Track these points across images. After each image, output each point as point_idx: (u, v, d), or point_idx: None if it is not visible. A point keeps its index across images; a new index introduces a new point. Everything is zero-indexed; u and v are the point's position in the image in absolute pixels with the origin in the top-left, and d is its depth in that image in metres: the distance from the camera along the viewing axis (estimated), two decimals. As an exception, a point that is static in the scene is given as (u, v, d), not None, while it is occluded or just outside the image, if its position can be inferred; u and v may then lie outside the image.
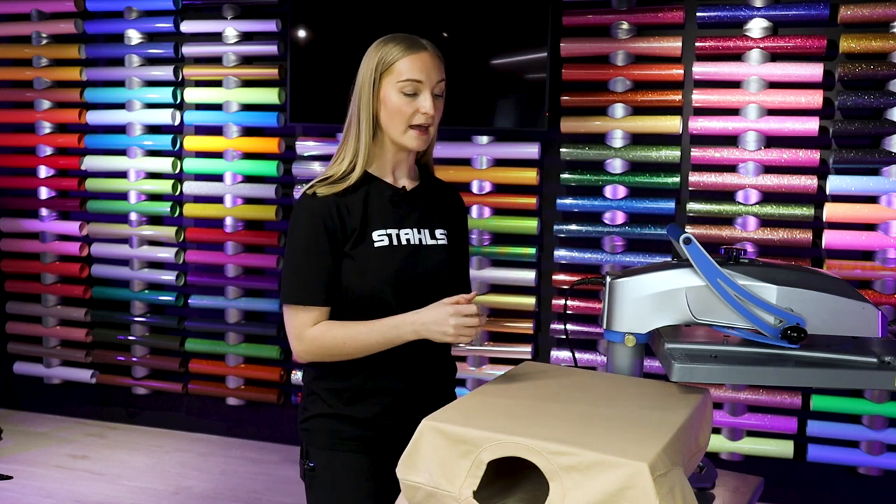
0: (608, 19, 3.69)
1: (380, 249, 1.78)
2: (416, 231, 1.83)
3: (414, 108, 1.77)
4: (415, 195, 1.87)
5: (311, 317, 1.76)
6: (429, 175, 1.95)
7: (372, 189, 1.82)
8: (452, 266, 1.89)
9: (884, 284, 3.45)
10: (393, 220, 1.81)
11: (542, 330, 3.99)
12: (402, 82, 1.76)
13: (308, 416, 1.85)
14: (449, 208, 1.95)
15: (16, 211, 4.69)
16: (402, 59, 1.77)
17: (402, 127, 1.78)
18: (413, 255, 1.81)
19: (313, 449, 1.84)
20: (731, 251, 1.73)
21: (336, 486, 1.83)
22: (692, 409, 1.55)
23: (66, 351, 4.66)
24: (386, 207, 1.81)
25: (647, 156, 3.69)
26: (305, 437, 1.86)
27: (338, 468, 1.82)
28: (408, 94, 1.77)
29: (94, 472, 3.98)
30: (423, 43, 1.80)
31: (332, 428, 1.82)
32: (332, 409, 1.81)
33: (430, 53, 1.79)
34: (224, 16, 4.21)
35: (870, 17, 3.39)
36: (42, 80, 4.50)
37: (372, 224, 1.79)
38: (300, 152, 4.14)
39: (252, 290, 4.35)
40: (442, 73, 1.81)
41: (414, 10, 3.88)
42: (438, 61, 1.81)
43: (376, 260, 1.77)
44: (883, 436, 3.48)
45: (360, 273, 1.77)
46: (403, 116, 1.77)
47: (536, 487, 1.40)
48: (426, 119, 1.77)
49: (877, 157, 3.42)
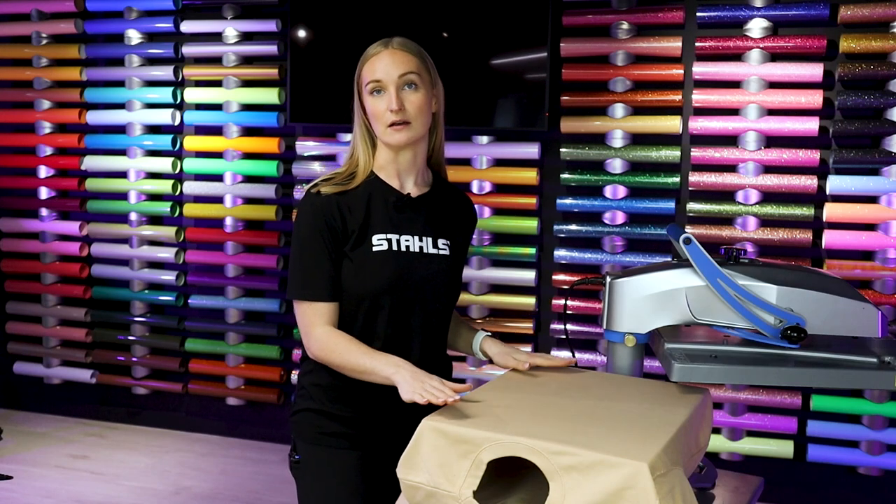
0: (608, 19, 3.69)
1: (378, 254, 1.79)
2: (417, 239, 1.84)
3: (383, 107, 1.79)
4: (421, 202, 1.87)
5: (318, 312, 1.79)
6: (441, 181, 1.95)
7: (376, 193, 1.83)
8: (452, 277, 1.89)
9: (884, 284, 3.45)
10: (394, 225, 1.82)
11: (542, 330, 3.98)
12: (368, 84, 1.81)
13: (296, 410, 1.90)
14: (458, 218, 1.95)
15: (16, 211, 4.69)
16: (367, 62, 1.83)
17: (381, 127, 1.81)
18: (412, 262, 1.82)
19: (300, 442, 1.89)
20: (731, 251, 1.73)
21: (320, 479, 1.86)
22: (692, 409, 1.55)
23: (66, 351, 4.66)
24: (388, 212, 1.82)
25: (647, 156, 3.69)
26: (293, 430, 1.90)
27: (322, 462, 1.85)
28: (375, 94, 1.81)
29: (94, 472, 3.98)
30: (390, 41, 1.83)
31: (316, 422, 1.85)
32: (317, 405, 1.85)
33: (391, 50, 1.81)
34: (224, 16, 4.21)
35: (870, 17, 3.38)
36: (42, 80, 4.50)
37: (373, 227, 1.81)
38: (300, 152, 4.14)
39: (252, 290, 4.35)
40: (409, 66, 1.80)
41: (414, 10, 3.88)
42: (403, 54, 1.81)
43: (373, 264, 1.79)
44: (883, 436, 3.48)
45: (356, 275, 1.79)
46: (379, 116, 1.81)
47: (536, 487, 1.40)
48: (394, 116, 1.78)
49: (877, 157, 3.42)
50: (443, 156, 1.97)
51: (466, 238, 1.98)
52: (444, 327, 1.92)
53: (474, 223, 2.01)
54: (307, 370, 1.88)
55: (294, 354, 4.28)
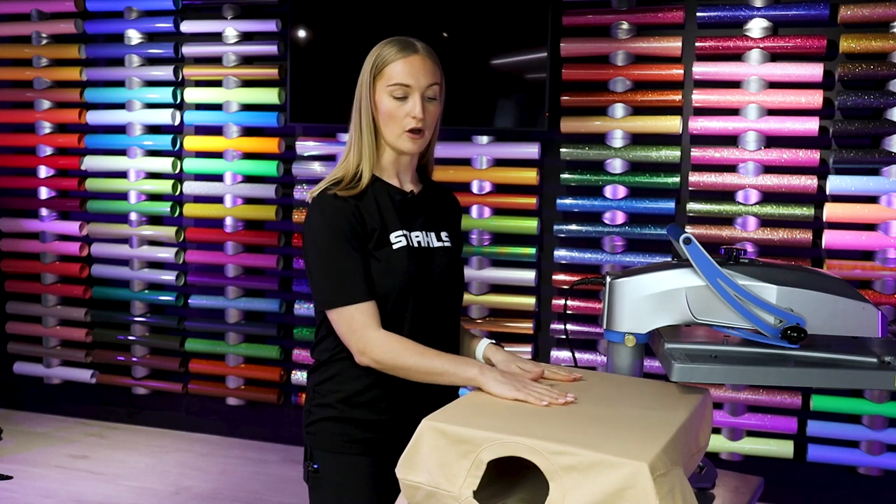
0: (608, 19, 3.69)
1: (400, 251, 1.79)
2: (424, 234, 1.85)
3: (404, 112, 1.77)
4: (420, 199, 1.89)
5: (367, 314, 1.72)
6: (427, 178, 1.97)
7: (382, 193, 1.82)
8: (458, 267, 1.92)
9: (884, 284, 3.45)
10: (404, 223, 1.82)
11: (542, 330, 3.98)
12: (391, 86, 1.77)
13: (313, 420, 1.85)
14: (448, 212, 1.97)
15: (16, 211, 4.69)
16: (392, 63, 1.77)
17: (396, 130, 1.78)
18: (426, 257, 1.83)
19: (318, 451, 1.85)
20: (731, 251, 1.73)
21: (340, 487, 1.83)
22: (692, 409, 1.55)
23: (66, 351, 4.66)
24: (395, 211, 1.82)
25: (647, 156, 3.69)
26: (310, 440, 1.86)
27: (342, 470, 1.83)
28: (398, 97, 1.77)
29: (94, 472, 3.98)
30: (416, 46, 1.80)
31: (338, 431, 1.82)
32: (338, 412, 1.81)
33: (420, 56, 1.78)
34: (224, 16, 4.21)
35: (870, 17, 3.38)
36: (42, 80, 4.50)
37: (389, 226, 1.80)
38: (300, 152, 4.14)
39: (252, 290, 4.35)
40: (435, 77, 1.79)
41: (414, 10, 3.88)
42: (431, 64, 1.79)
43: (397, 261, 1.78)
44: (883, 436, 3.48)
45: (383, 273, 1.77)
46: (395, 120, 1.78)
47: (536, 487, 1.40)
48: (416, 123, 1.77)
49: (877, 157, 3.42)
50: (432, 155, 1.96)
51: (458, 230, 2.00)
52: (458, 322, 1.93)
53: (461, 216, 2.03)
54: (325, 377, 1.83)
55: (294, 355, 4.28)
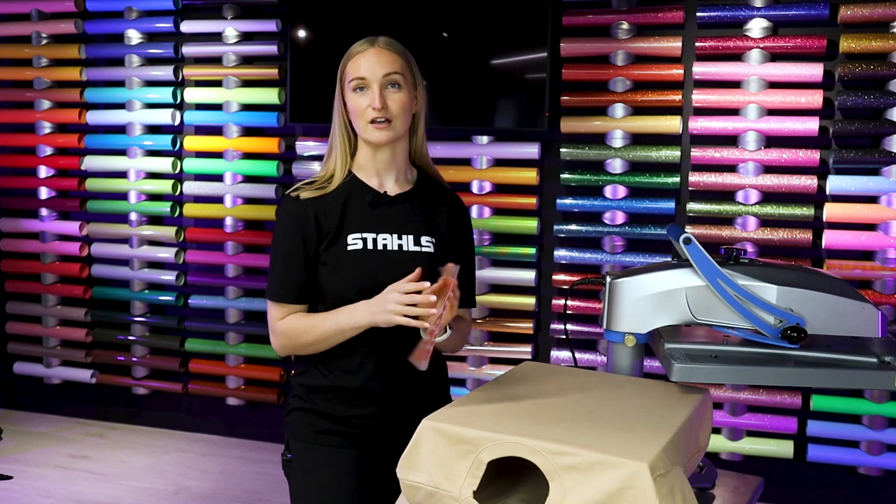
0: (608, 19, 3.69)
1: (353, 253, 1.81)
2: (396, 237, 1.84)
3: (364, 103, 1.81)
4: (401, 200, 1.87)
5: (283, 313, 1.85)
6: (427, 179, 1.95)
7: (354, 192, 1.85)
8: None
9: (884, 284, 3.45)
10: (372, 224, 1.83)
11: (542, 330, 3.98)
12: (351, 81, 1.83)
13: (289, 410, 1.92)
14: (444, 215, 1.92)
15: (16, 211, 4.69)
16: (351, 60, 1.84)
17: (361, 124, 1.83)
18: (390, 260, 1.81)
19: (293, 441, 1.91)
20: (731, 251, 1.73)
21: (312, 477, 1.86)
22: (692, 409, 1.55)
23: (66, 351, 4.66)
24: (365, 211, 1.84)
25: (647, 156, 3.69)
26: (287, 430, 1.92)
27: (315, 461, 1.86)
28: (358, 91, 1.82)
29: (94, 472, 3.98)
30: (375, 40, 1.85)
31: (309, 421, 1.87)
32: (309, 404, 1.87)
33: (377, 49, 1.83)
34: (224, 16, 4.21)
35: (870, 17, 3.38)
36: (42, 80, 4.50)
37: (348, 227, 1.82)
38: (300, 152, 4.14)
39: (252, 290, 4.34)
40: (394, 66, 1.82)
41: (414, 10, 3.88)
42: (389, 54, 1.83)
43: (348, 263, 1.81)
44: (883, 436, 3.48)
45: (331, 275, 1.81)
46: (359, 113, 1.82)
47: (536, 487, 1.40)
48: (376, 113, 1.80)
49: (877, 157, 3.42)
50: (427, 155, 1.96)
51: (460, 234, 1.95)
52: None
53: (465, 218, 1.98)
54: (299, 371, 1.91)
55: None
